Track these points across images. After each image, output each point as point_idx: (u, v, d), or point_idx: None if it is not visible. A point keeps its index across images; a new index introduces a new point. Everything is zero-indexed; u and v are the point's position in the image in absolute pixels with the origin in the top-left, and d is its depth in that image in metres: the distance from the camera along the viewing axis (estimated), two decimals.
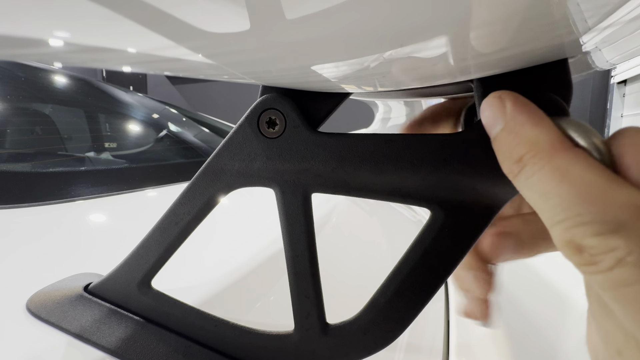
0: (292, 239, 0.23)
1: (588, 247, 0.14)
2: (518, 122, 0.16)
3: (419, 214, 0.88)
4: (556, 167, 0.15)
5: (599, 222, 0.14)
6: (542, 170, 0.15)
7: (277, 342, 0.25)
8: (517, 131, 0.16)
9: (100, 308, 0.27)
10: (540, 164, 0.15)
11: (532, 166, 0.16)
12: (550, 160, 0.15)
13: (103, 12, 0.13)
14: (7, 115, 0.69)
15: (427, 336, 0.45)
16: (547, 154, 0.15)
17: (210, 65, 0.19)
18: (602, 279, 0.14)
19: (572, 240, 0.14)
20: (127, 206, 0.49)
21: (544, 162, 0.15)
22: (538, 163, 0.15)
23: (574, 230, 0.14)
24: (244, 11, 0.12)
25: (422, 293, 0.22)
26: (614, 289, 0.14)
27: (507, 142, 0.17)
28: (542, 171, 0.15)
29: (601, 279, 0.14)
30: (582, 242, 0.14)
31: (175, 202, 0.25)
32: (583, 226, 0.14)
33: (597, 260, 0.14)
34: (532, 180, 0.16)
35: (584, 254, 0.14)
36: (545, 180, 0.15)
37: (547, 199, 0.15)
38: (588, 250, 0.14)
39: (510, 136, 0.17)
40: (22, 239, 0.36)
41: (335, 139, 0.22)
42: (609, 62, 0.24)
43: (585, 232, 0.14)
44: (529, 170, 0.16)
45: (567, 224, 0.14)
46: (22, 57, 0.25)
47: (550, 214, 0.15)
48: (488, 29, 0.13)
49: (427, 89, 0.26)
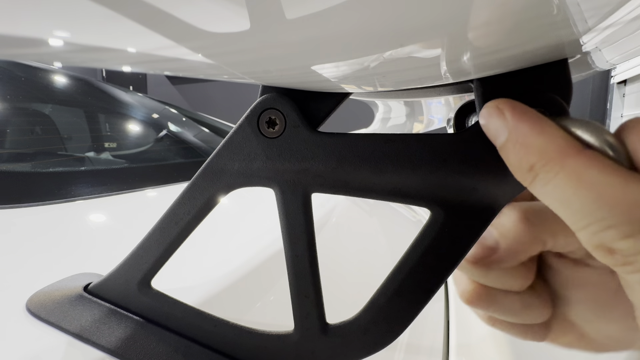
0: (292, 239, 0.23)
1: (619, 249, 0.14)
2: (521, 133, 0.16)
3: (419, 214, 0.88)
4: (569, 173, 0.14)
5: (625, 224, 0.13)
6: (556, 178, 0.15)
7: (277, 342, 0.25)
8: (522, 142, 0.16)
9: (100, 308, 0.26)
10: (553, 171, 0.15)
11: (545, 174, 0.15)
12: (562, 167, 0.15)
13: (103, 11, 0.13)
14: (7, 115, 0.69)
15: (427, 336, 0.45)
16: (557, 161, 0.15)
17: (210, 65, 0.19)
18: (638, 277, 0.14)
19: (602, 244, 0.14)
20: (127, 206, 0.49)
21: (556, 169, 0.15)
22: (550, 171, 0.15)
23: (601, 234, 0.14)
24: (244, 11, 0.12)
25: (422, 293, 0.22)
26: None
27: (514, 153, 0.16)
28: (556, 179, 0.15)
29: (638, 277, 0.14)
30: (612, 246, 0.14)
31: (175, 202, 0.25)
32: (609, 230, 0.14)
33: (631, 260, 0.14)
34: (548, 189, 0.15)
35: (616, 255, 0.14)
36: (562, 188, 0.15)
37: (567, 206, 0.15)
38: (620, 252, 0.14)
39: (517, 146, 0.16)
40: (22, 239, 0.36)
41: (335, 139, 0.22)
42: (609, 62, 0.24)
43: (614, 236, 0.14)
44: (543, 179, 0.15)
45: (592, 229, 0.14)
46: (22, 57, 0.25)
47: (574, 220, 0.15)
48: (488, 29, 0.13)
49: (427, 89, 0.26)
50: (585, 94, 3.18)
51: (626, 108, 3.00)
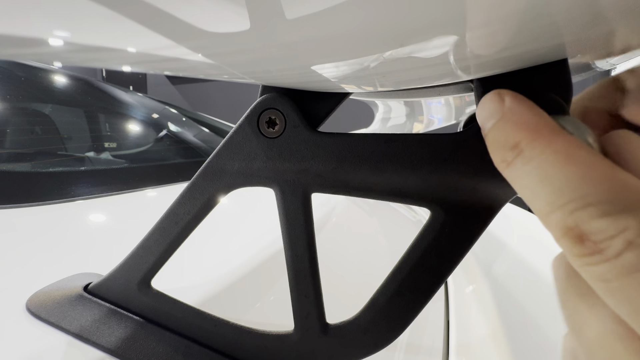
0: (292, 239, 0.23)
1: (593, 232, 0.13)
2: (517, 111, 0.16)
3: (419, 214, 0.88)
4: (558, 149, 0.14)
5: (606, 202, 0.13)
6: (542, 154, 0.15)
7: (277, 342, 0.25)
8: (515, 119, 0.16)
9: (100, 308, 0.26)
10: (540, 147, 0.15)
11: (530, 151, 0.15)
12: (551, 143, 0.15)
13: (103, 11, 0.13)
14: (7, 115, 0.69)
15: (427, 336, 0.45)
16: (548, 138, 0.15)
17: (210, 65, 0.19)
18: (606, 268, 0.13)
19: (576, 226, 0.13)
20: (127, 206, 0.49)
21: (544, 145, 0.15)
22: (538, 147, 0.15)
23: (579, 212, 0.13)
24: (244, 11, 0.12)
25: (422, 293, 0.22)
26: (620, 277, 0.12)
27: (504, 129, 0.16)
28: (542, 155, 0.15)
29: (605, 269, 0.13)
30: (586, 227, 0.13)
31: (175, 202, 0.25)
32: (590, 207, 0.13)
33: (602, 247, 0.13)
34: (530, 166, 0.15)
35: (586, 242, 0.13)
36: (548, 163, 0.14)
37: (548, 183, 0.14)
38: (592, 236, 0.13)
39: (508, 124, 0.16)
40: (22, 239, 0.36)
41: (335, 138, 0.22)
42: (609, 62, 0.24)
43: (592, 214, 0.13)
44: (526, 156, 0.15)
45: (572, 206, 0.13)
46: (22, 57, 0.25)
47: (552, 198, 0.14)
48: (488, 29, 0.13)
49: (427, 89, 0.26)
50: None
51: None
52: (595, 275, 0.13)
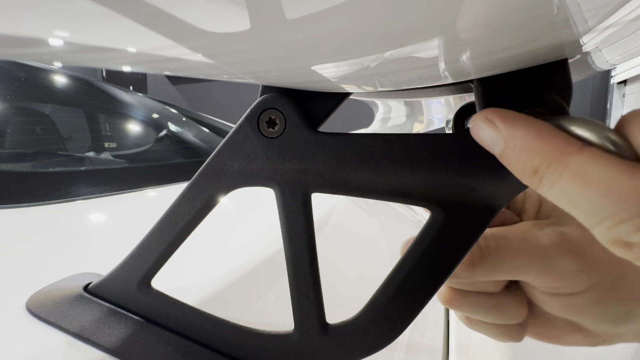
0: (292, 239, 0.23)
1: (635, 242, 0.14)
2: (518, 138, 0.16)
3: (419, 214, 0.88)
4: (574, 172, 0.14)
5: (637, 217, 0.13)
6: (561, 179, 0.15)
7: (277, 342, 0.25)
8: (520, 147, 0.16)
9: (100, 308, 0.26)
10: (557, 172, 0.15)
11: (550, 176, 0.15)
12: (565, 167, 0.15)
13: (103, 11, 0.13)
14: (7, 115, 0.69)
15: (427, 336, 0.45)
16: (560, 161, 0.15)
17: (210, 65, 0.19)
18: None
19: (618, 240, 0.14)
20: (127, 206, 0.49)
21: (560, 170, 0.15)
22: (554, 172, 0.15)
23: (615, 230, 0.14)
24: (244, 11, 0.12)
25: (422, 293, 0.22)
26: None
27: (515, 159, 0.16)
28: (561, 179, 0.15)
29: None
30: (628, 240, 0.14)
31: (175, 202, 0.25)
32: (622, 224, 0.14)
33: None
34: (555, 190, 0.15)
35: (634, 249, 0.14)
36: (569, 188, 0.15)
37: (577, 205, 0.15)
38: (637, 245, 0.14)
39: (516, 152, 0.16)
40: (22, 239, 0.36)
41: (335, 138, 0.22)
42: (609, 62, 0.24)
43: (628, 230, 0.13)
44: (548, 181, 0.15)
45: (605, 226, 0.14)
46: (22, 57, 0.25)
47: (586, 218, 0.15)
48: (488, 29, 0.13)
49: (427, 89, 0.26)
50: (585, 94, 3.18)
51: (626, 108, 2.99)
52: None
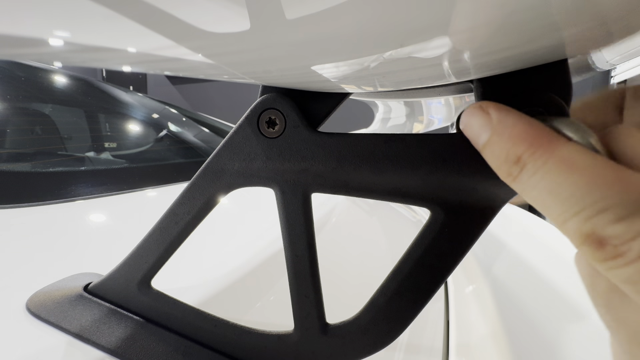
0: (292, 239, 0.23)
1: (611, 237, 0.13)
2: (509, 124, 0.16)
3: (419, 214, 0.88)
4: (561, 158, 0.14)
5: (619, 206, 0.13)
6: (546, 165, 0.14)
7: (277, 342, 0.25)
8: (509, 132, 0.16)
9: (100, 308, 0.27)
10: (542, 159, 0.15)
11: (534, 163, 0.15)
12: (552, 153, 0.14)
13: (103, 11, 0.13)
14: (7, 115, 0.69)
15: (427, 336, 0.45)
16: (547, 148, 0.15)
17: (210, 65, 0.19)
18: (631, 271, 0.13)
19: (593, 233, 0.13)
20: (127, 206, 0.49)
21: (546, 156, 0.15)
22: (540, 159, 0.15)
23: (594, 219, 0.13)
24: (244, 11, 0.12)
25: (422, 293, 0.22)
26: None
27: (501, 145, 0.16)
28: (546, 166, 0.14)
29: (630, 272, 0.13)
30: (603, 233, 0.13)
31: (175, 202, 0.25)
32: (603, 213, 0.13)
33: (623, 250, 0.13)
34: (536, 178, 0.15)
35: (606, 247, 0.13)
36: (553, 174, 0.14)
37: (558, 193, 0.14)
38: (611, 241, 0.13)
39: (504, 138, 0.16)
40: (22, 239, 0.36)
41: (335, 138, 0.22)
42: (609, 62, 0.24)
43: (607, 219, 0.13)
44: (530, 169, 0.15)
45: (585, 214, 0.13)
46: (22, 57, 0.25)
47: (564, 208, 0.14)
48: (488, 30, 0.13)
49: (427, 89, 0.26)
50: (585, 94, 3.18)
51: None
52: (622, 278, 0.13)
